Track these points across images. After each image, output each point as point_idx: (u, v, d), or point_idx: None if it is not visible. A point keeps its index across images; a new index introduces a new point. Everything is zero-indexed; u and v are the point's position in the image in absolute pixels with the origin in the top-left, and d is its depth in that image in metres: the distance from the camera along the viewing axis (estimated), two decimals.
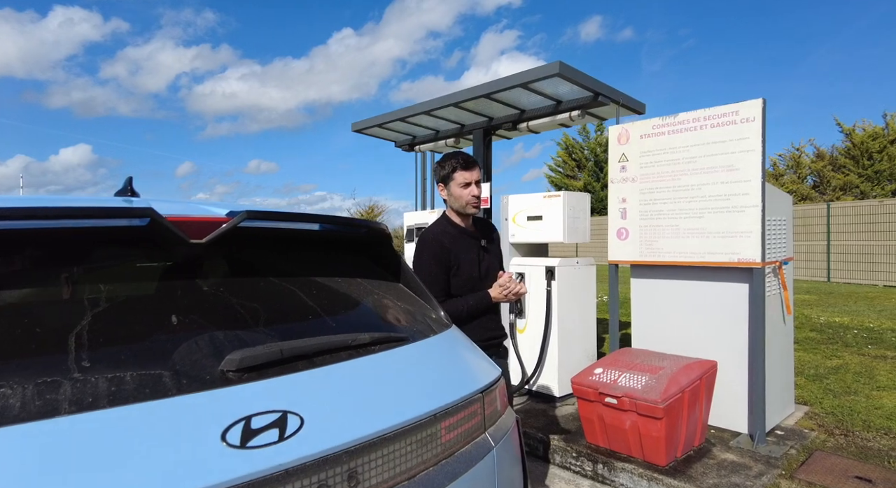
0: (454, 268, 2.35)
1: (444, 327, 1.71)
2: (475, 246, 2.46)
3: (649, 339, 3.95)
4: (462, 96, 4.21)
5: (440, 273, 2.32)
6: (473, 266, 2.40)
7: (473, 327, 2.30)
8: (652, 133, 3.84)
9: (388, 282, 1.77)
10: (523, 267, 4.46)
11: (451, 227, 2.45)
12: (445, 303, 2.24)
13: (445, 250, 2.34)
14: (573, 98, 4.18)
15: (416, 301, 1.76)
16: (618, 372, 3.34)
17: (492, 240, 2.60)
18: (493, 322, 2.47)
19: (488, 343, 2.35)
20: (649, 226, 3.86)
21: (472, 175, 2.35)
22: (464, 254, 2.39)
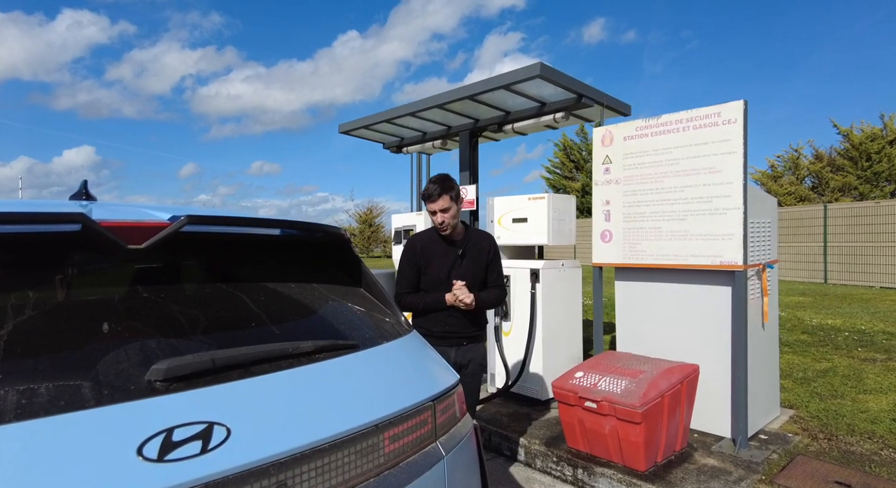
0: (423, 267, 2.71)
1: (403, 332, 1.69)
2: (451, 253, 2.73)
3: (633, 342, 3.92)
4: (446, 98, 4.19)
5: (410, 271, 2.73)
6: (442, 269, 2.70)
7: (432, 319, 2.71)
8: (635, 135, 3.81)
9: (348, 286, 1.74)
10: (508, 269, 4.43)
11: (434, 234, 2.77)
12: (409, 295, 2.71)
13: (416, 252, 2.73)
14: (557, 100, 4.16)
15: (376, 306, 1.74)
16: (598, 375, 3.32)
17: (476, 251, 2.78)
18: (454, 319, 2.71)
19: (445, 335, 2.69)
20: (632, 228, 3.83)
21: (434, 206, 2.64)
22: (435, 258, 2.72)
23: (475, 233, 2.83)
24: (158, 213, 1.36)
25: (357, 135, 5.37)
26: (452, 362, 2.66)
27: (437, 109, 4.47)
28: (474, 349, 2.78)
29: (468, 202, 4.77)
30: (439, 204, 2.61)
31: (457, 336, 2.70)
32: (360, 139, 5.80)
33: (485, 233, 2.90)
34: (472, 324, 2.75)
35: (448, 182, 2.65)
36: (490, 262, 2.81)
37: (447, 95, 4.18)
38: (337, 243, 1.73)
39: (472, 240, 2.77)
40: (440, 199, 2.61)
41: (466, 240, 2.75)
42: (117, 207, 1.44)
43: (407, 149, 5.53)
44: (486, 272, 2.80)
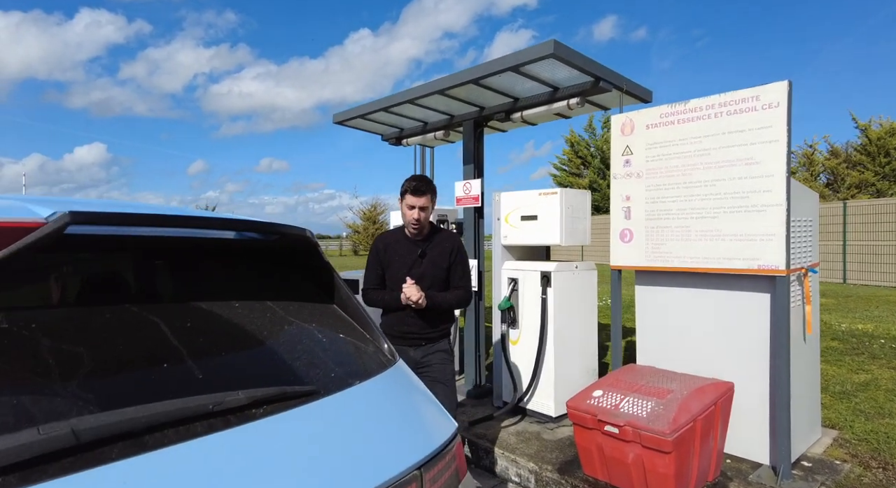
0: (386, 266, 2.79)
1: (385, 365, 1.30)
2: (412, 253, 2.76)
3: (657, 355, 3.51)
4: (448, 82, 3.78)
5: (376, 268, 2.81)
6: (402, 268, 2.74)
7: (393, 318, 2.76)
8: (660, 122, 3.40)
9: (316, 303, 1.36)
10: (515, 272, 4.04)
11: (399, 234, 2.83)
12: (373, 291, 2.80)
13: (380, 250, 2.81)
14: (571, 84, 3.74)
15: (351, 328, 1.35)
16: (620, 395, 2.92)
17: (438, 252, 2.78)
18: (412, 319, 2.72)
19: (404, 335, 2.72)
20: (656, 227, 3.42)
21: (418, 201, 2.66)
22: (397, 257, 2.76)
23: (441, 235, 2.84)
24: (36, 209, 0.97)
25: (352, 126, 4.97)
26: (414, 360, 2.68)
27: (438, 96, 4.07)
28: (436, 345, 2.80)
29: (472, 198, 4.38)
30: (422, 201, 2.65)
31: (415, 336, 2.73)
32: (369, 136, 5.42)
33: (452, 236, 2.90)
34: (431, 326, 2.76)
35: (432, 183, 2.73)
36: (452, 264, 2.80)
37: (449, 80, 3.78)
38: (301, 248, 1.34)
39: (435, 241, 2.80)
40: (424, 197, 2.65)
41: (430, 241, 2.79)
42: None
43: (407, 141, 5.13)
44: (447, 273, 2.79)
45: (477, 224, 4.46)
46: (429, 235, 2.79)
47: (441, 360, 2.79)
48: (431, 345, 2.78)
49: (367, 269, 2.83)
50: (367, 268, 2.82)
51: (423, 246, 2.76)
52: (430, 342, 2.78)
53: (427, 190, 2.67)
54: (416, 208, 2.66)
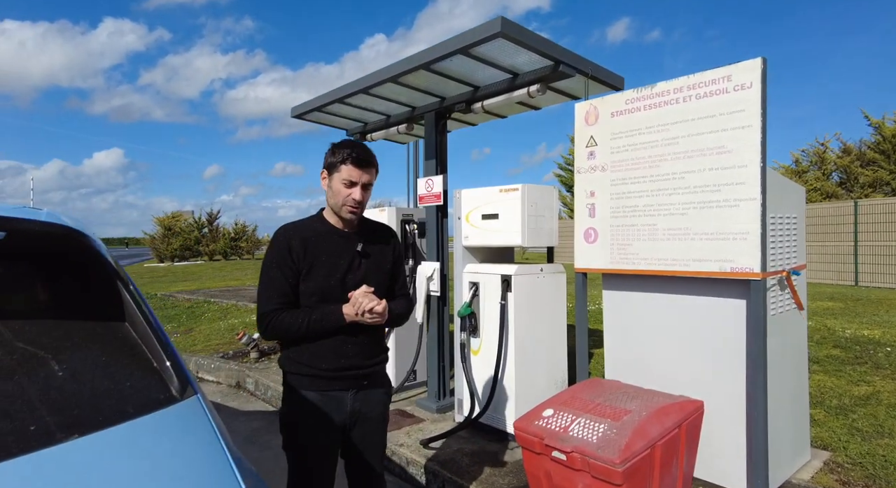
0: (304, 271, 1.90)
1: (161, 402, 0.99)
2: (347, 249, 1.98)
3: (624, 368, 3.17)
4: (398, 69, 3.47)
5: (280, 277, 1.89)
6: (335, 271, 1.93)
7: (321, 350, 1.91)
8: (625, 109, 3.06)
9: (92, 322, 1.05)
10: (476, 275, 3.71)
11: (319, 224, 2.01)
12: (284, 312, 1.87)
13: (293, 250, 1.91)
14: (531, 69, 3.41)
15: (131, 355, 1.04)
16: (572, 415, 2.58)
17: (379, 248, 2.08)
18: (351, 346, 1.95)
19: (340, 372, 1.93)
20: (622, 225, 3.08)
21: (362, 175, 1.92)
22: (324, 257, 1.94)
23: (374, 226, 2.12)
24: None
25: (312, 120, 4.69)
26: (349, 411, 1.96)
27: (393, 85, 3.76)
28: (379, 389, 2.07)
29: (435, 195, 4.06)
30: (366, 176, 1.91)
31: (355, 372, 1.96)
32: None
33: (386, 227, 2.18)
34: (375, 352, 2.04)
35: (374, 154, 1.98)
36: (395, 263, 2.13)
37: (400, 66, 3.47)
38: (67, 250, 1.04)
39: (372, 234, 2.06)
40: (370, 171, 1.92)
41: (366, 233, 2.04)
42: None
43: (371, 136, 4.82)
44: (389, 277, 2.09)
45: (440, 224, 4.15)
46: (360, 225, 2.04)
47: (380, 414, 2.08)
48: (377, 384, 2.06)
49: (265, 281, 1.89)
50: (269, 280, 1.88)
51: (359, 240, 1.99)
52: (374, 378, 2.03)
53: (375, 162, 1.95)
54: (357, 185, 1.89)
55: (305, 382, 1.91)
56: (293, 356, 1.92)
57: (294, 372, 1.92)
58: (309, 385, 1.91)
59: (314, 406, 1.89)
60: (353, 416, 1.97)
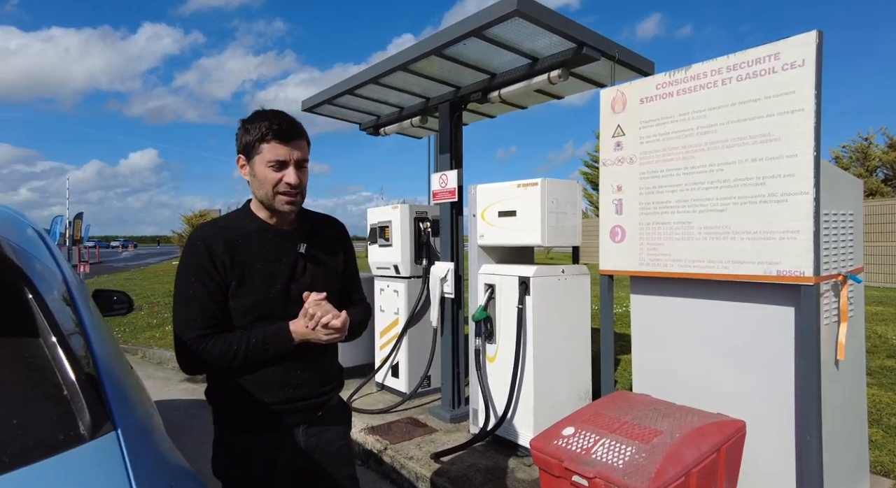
0: (233, 284, 1.48)
1: (63, 443, 0.78)
2: (287, 251, 1.57)
3: (654, 381, 2.88)
4: (409, 55, 3.24)
5: (203, 294, 1.46)
6: (274, 281, 1.51)
7: (265, 380, 1.50)
8: (656, 95, 2.77)
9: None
10: (492, 276, 3.46)
11: (249, 222, 1.57)
12: (211, 338, 1.45)
13: (216, 258, 1.48)
14: (552, 53, 3.14)
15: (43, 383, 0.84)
16: (595, 434, 2.31)
17: (325, 246, 1.67)
18: (299, 372, 1.55)
19: (291, 406, 1.54)
20: (652, 223, 2.79)
21: (292, 151, 1.47)
22: (258, 263, 1.52)
23: (314, 218, 1.72)
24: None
25: (323, 114, 4.50)
26: (302, 450, 1.59)
27: (404, 74, 3.54)
28: (335, 418, 1.69)
29: (449, 191, 3.82)
30: (297, 152, 1.47)
31: (306, 404, 1.57)
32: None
33: (328, 218, 1.77)
34: (329, 375, 1.66)
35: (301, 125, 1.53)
36: (348, 263, 1.74)
37: (410, 52, 3.24)
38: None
39: (313, 227, 1.67)
40: (299, 144, 1.48)
41: (306, 227, 1.65)
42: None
43: (384, 129, 4.61)
44: (341, 281, 1.71)
45: (454, 222, 3.91)
46: (299, 220, 1.65)
47: (342, 448, 1.69)
48: (329, 419, 1.66)
49: (182, 300, 1.47)
50: (184, 298, 1.47)
51: (301, 238, 1.60)
52: (326, 408, 1.65)
53: (303, 132, 1.51)
54: (289, 165, 1.46)
55: (244, 419, 1.52)
56: (226, 389, 1.52)
57: (228, 409, 1.53)
58: (249, 421, 1.52)
59: (257, 446, 1.52)
60: (307, 456, 1.59)
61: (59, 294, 1.04)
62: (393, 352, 4.50)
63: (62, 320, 0.94)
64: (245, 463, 1.52)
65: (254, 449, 1.52)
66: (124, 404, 0.96)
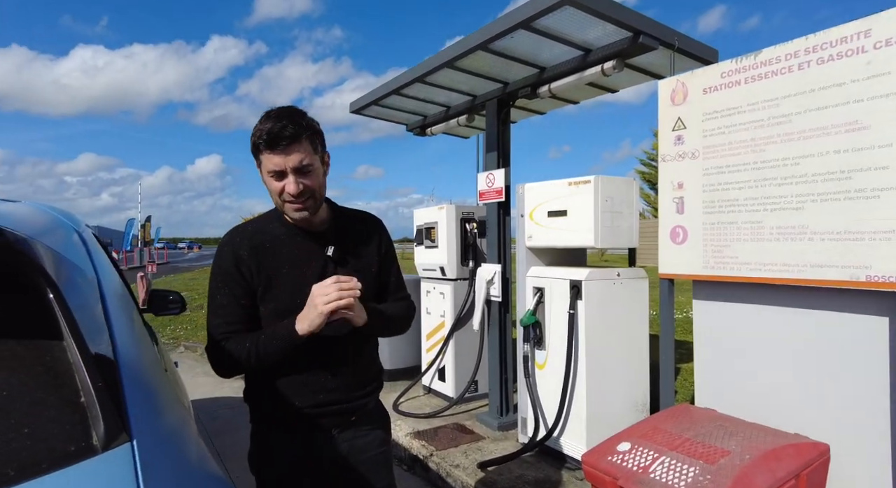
0: (260, 290, 1.44)
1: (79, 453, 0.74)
2: (316, 254, 1.50)
3: (719, 395, 2.65)
4: (454, 52, 3.15)
5: (229, 299, 1.44)
6: (302, 285, 1.42)
7: (294, 385, 1.46)
8: (721, 84, 2.55)
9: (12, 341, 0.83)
10: (541, 280, 3.32)
11: (278, 225, 1.51)
12: (231, 339, 1.41)
13: (242, 263, 1.44)
14: (606, 43, 2.96)
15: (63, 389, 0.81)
16: (653, 452, 2.13)
17: (358, 247, 1.58)
18: (337, 377, 1.49)
19: (323, 410, 1.48)
20: (718, 223, 2.57)
21: (287, 159, 1.36)
22: (285, 268, 1.47)
23: (349, 216, 1.62)
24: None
25: (370, 115, 4.49)
26: (334, 456, 1.52)
27: (450, 71, 3.45)
28: (372, 425, 1.61)
29: (496, 191, 3.70)
30: (294, 158, 1.35)
31: (337, 408, 1.49)
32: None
33: (365, 215, 1.67)
34: (365, 378, 1.57)
35: (305, 117, 1.40)
36: (383, 262, 1.63)
37: (456, 48, 3.15)
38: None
39: (345, 228, 1.57)
40: (295, 148, 1.35)
41: (335, 229, 1.55)
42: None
43: (431, 129, 4.55)
44: (377, 281, 1.61)
45: (502, 222, 3.79)
46: (331, 219, 1.56)
47: (379, 456, 1.61)
48: (363, 424, 1.58)
49: (212, 306, 1.46)
50: (214, 304, 1.46)
51: (329, 238, 1.52)
52: (361, 413, 1.57)
53: (299, 132, 1.35)
54: (286, 174, 1.37)
55: (275, 421, 1.50)
56: (258, 390, 1.51)
57: (261, 409, 1.52)
58: (280, 424, 1.49)
59: (289, 449, 1.50)
60: (340, 462, 1.53)
61: (88, 296, 1.01)
62: (439, 356, 4.42)
63: (85, 323, 0.90)
64: (277, 463, 1.51)
65: (285, 450, 1.51)
66: (147, 413, 0.92)
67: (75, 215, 1.65)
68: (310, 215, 1.45)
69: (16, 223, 0.95)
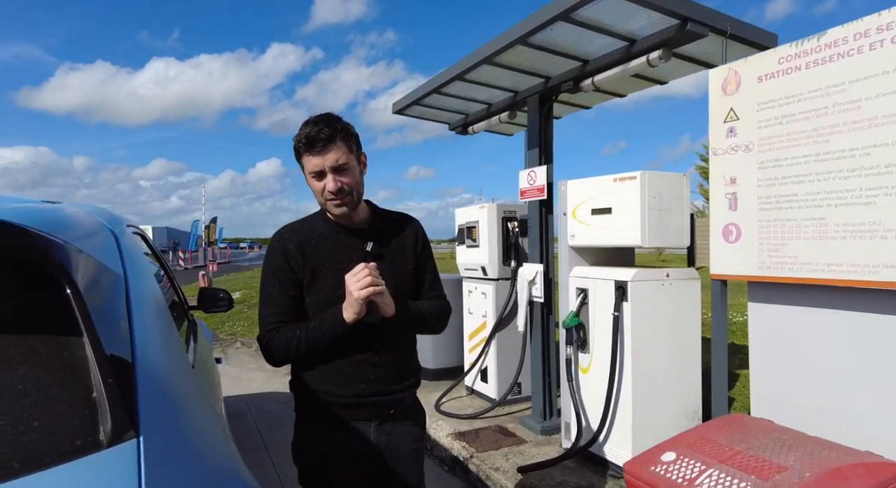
0: (306, 281, 1.57)
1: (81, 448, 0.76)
2: (356, 249, 1.60)
3: (776, 404, 2.47)
4: (492, 47, 3.09)
5: (279, 293, 1.57)
6: (342, 279, 1.50)
7: (338, 374, 1.56)
8: (778, 70, 2.37)
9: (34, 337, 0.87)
10: (584, 280, 3.20)
11: (322, 223, 1.65)
12: (280, 329, 1.55)
13: (290, 257, 1.58)
14: (651, 32, 2.81)
15: (76, 384, 0.84)
16: (700, 463, 2.00)
17: (396, 244, 1.69)
18: (369, 367, 1.58)
19: (358, 399, 1.57)
20: (775, 220, 2.38)
21: (325, 159, 1.49)
22: (328, 262, 1.59)
23: (388, 216, 1.73)
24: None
25: (413, 115, 4.49)
26: (373, 445, 1.61)
27: (490, 67, 3.40)
28: (408, 420, 1.68)
29: (537, 189, 3.61)
30: (331, 157, 1.47)
31: (377, 400, 1.59)
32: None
33: (402, 215, 1.77)
34: (403, 372, 1.65)
35: (339, 121, 1.52)
36: (420, 260, 1.71)
37: (494, 44, 3.09)
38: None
39: (384, 226, 1.68)
40: (331, 149, 1.47)
41: (375, 226, 1.66)
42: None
43: (472, 128, 4.50)
44: (414, 280, 1.69)
45: (544, 221, 3.69)
46: (371, 218, 1.68)
47: (412, 452, 1.68)
48: (401, 419, 1.65)
49: (263, 298, 1.59)
50: (266, 296, 1.58)
51: (367, 236, 1.61)
52: (399, 407, 1.64)
53: (334, 134, 1.47)
54: (325, 173, 1.49)
55: (318, 410, 1.60)
56: (303, 380, 1.60)
57: (305, 399, 1.62)
58: (322, 413, 1.59)
59: (330, 437, 1.60)
60: (379, 452, 1.61)
61: (110, 295, 1.04)
62: (481, 357, 4.37)
63: (103, 321, 0.92)
64: (318, 452, 1.60)
65: (327, 440, 1.59)
66: (161, 411, 0.93)
67: (119, 216, 1.72)
68: (349, 211, 1.56)
69: (45, 224, 0.98)
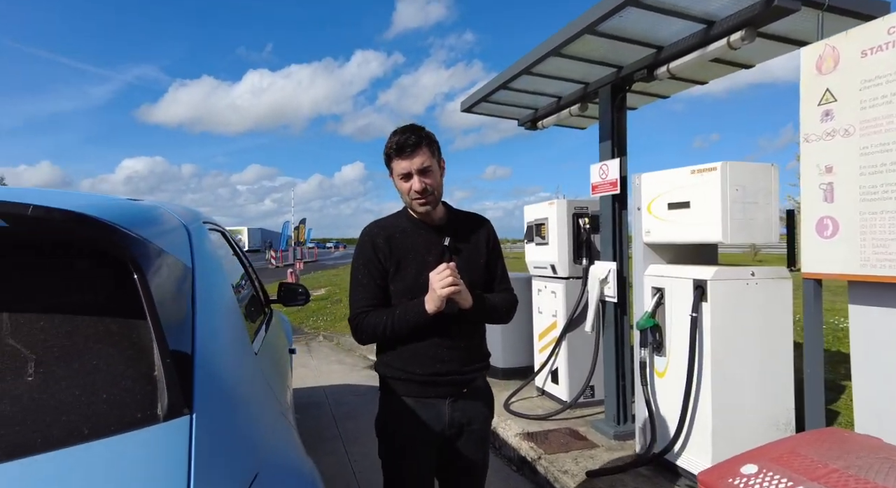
0: (392, 270, 1.78)
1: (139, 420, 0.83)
2: (435, 243, 1.81)
3: (882, 418, 2.20)
4: (559, 38, 2.98)
5: (368, 281, 1.79)
6: (424, 269, 1.74)
7: (413, 354, 1.75)
8: (889, 43, 2.11)
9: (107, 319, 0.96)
10: (660, 279, 3.03)
11: (402, 220, 1.86)
12: (370, 314, 1.76)
13: (378, 249, 1.79)
14: (731, 13, 2.59)
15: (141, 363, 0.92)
16: (787, 479, 1.83)
17: (470, 240, 1.88)
18: (446, 350, 1.76)
19: (434, 378, 1.75)
20: (880, 212, 2.12)
21: (412, 162, 1.71)
22: (410, 254, 1.79)
23: (462, 216, 1.94)
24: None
25: (481, 112, 4.48)
26: (447, 421, 1.78)
27: (557, 59, 3.30)
28: (479, 400, 1.87)
29: (610, 183, 3.47)
30: (417, 161, 1.69)
31: (452, 379, 1.78)
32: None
33: (478, 217, 1.97)
34: (475, 356, 1.84)
35: (423, 130, 1.74)
36: (490, 256, 1.90)
37: (561, 35, 2.99)
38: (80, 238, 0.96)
39: (460, 225, 1.88)
40: (417, 153, 1.69)
41: (452, 225, 1.86)
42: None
43: (542, 122, 4.39)
44: (486, 272, 1.88)
45: (617, 216, 3.54)
46: (447, 217, 1.87)
47: (481, 430, 1.85)
48: (477, 394, 1.85)
49: (354, 284, 1.81)
50: (356, 282, 1.80)
51: (446, 231, 1.82)
52: (471, 387, 1.83)
53: (418, 142, 1.69)
54: (412, 175, 1.70)
55: (400, 387, 1.79)
56: (387, 360, 1.82)
57: (389, 377, 1.82)
58: (404, 390, 1.78)
59: (410, 412, 1.77)
60: (453, 428, 1.79)
61: (176, 283, 1.12)
62: (552, 357, 4.27)
63: (166, 308, 1.00)
64: (397, 425, 1.78)
65: (407, 415, 1.76)
66: (215, 392, 1.00)
67: (197, 213, 1.86)
68: (431, 209, 1.76)
69: (123, 219, 1.08)
